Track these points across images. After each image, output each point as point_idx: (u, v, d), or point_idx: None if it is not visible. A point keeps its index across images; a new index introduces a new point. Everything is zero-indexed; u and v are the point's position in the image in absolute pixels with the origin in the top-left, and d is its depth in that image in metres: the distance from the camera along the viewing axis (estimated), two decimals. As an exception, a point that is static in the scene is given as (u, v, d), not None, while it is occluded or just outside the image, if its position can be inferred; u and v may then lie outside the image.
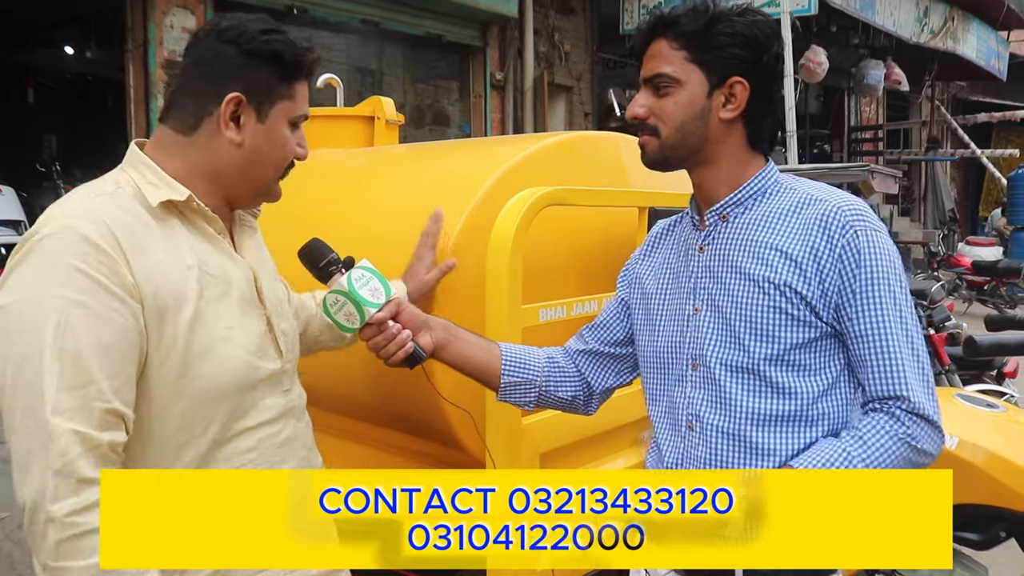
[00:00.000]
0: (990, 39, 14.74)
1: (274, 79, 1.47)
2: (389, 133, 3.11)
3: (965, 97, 18.86)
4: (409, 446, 2.45)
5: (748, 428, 1.47)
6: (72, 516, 1.23)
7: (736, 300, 1.48)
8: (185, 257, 1.41)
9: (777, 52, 1.51)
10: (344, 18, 8.04)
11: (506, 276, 1.88)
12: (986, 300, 11.47)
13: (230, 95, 1.43)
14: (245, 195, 1.54)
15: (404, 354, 1.62)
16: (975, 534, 2.45)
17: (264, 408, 1.51)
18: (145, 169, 1.44)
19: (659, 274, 1.67)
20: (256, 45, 1.44)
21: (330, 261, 1.66)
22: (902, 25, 11.71)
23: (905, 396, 1.39)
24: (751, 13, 1.49)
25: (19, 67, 10.48)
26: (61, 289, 1.26)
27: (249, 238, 1.62)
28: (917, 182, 16.78)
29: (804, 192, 1.51)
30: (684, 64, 1.48)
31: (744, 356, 1.47)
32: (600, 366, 1.79)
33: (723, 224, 1.55)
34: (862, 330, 1.41)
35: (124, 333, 1.30)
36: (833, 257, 1.42)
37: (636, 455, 2.42)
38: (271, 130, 1.48)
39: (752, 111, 1.50)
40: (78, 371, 1.25)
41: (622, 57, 10.99)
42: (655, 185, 2.62)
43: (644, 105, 1.52)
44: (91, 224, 1.30)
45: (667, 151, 1.52)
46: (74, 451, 1.23)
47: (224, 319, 1.44)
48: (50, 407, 1.23)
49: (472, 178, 2.20)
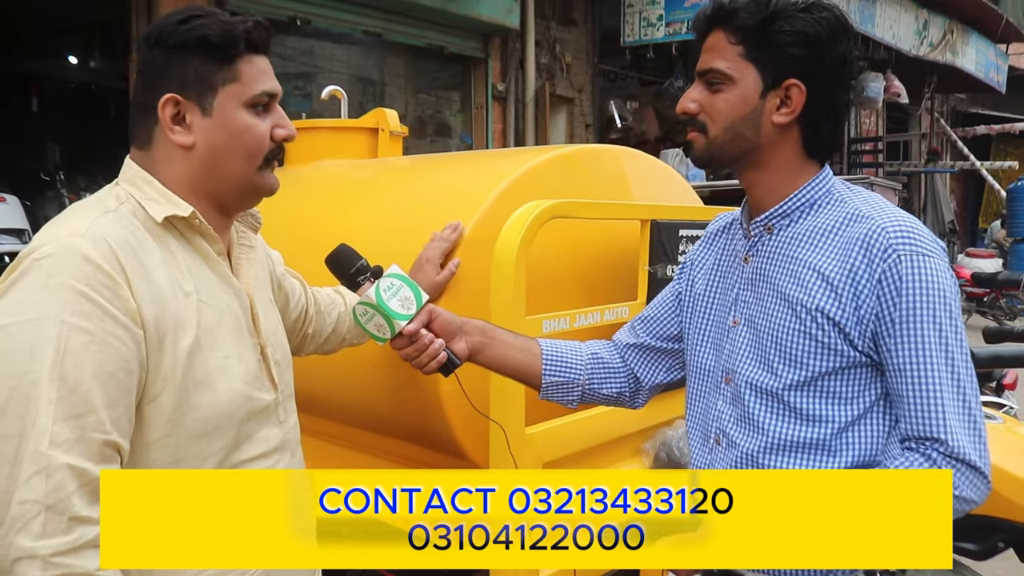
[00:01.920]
0: (989, 52, 14.78)
1: (208, 66, 1.35)
2: (393, 145, 3.13)
3: (964, 109, 18.91)
4: (411, 455, 2.46)
5: (769, 452, 1.42)
6: (59, 556, 1.14)
7: (770, 320, 1.42)
8: (183, 282, 1.34)
9: (843, 53, 1.39)
10: (347, 29, 8.07)
11: (510, 288, 1.89)
12: (985, 312, 11.47)
13: (164, 98, 1.34)
14: (229, 195, 1.43)
15: (437, 364, 1.58)
16: (974, 544, 2.46)
17: (260, 440, 1.44)
18: (145, 184, 1.37)
19: (709, 276, 1.61)
20: (178, 38, 1.34)
21: (358, 270, 1.62)
22: (901, 38, 11.75)
23: (943, 439, 1.28)
24: (817, 8, 1.37)
25: (23, 76, 10.52)
26: (62, 313, 1.18)
27: (247, 259, 1.54)
28: (917, 194, 16.79)
29: (853, 206, 1.40)
30: (739, 61, 1.39)
31: (771, 379, 1.40)
32: (651, 361, 1.73)
33: (768, 236, 1.47)
34: (900, 363, 1.31)
35: (125, 361, 1.23)
36: (872, 281, 1.32)
37: (639, 465, 2.44)
38: (223, 120, 1.37)
39: (810, 116, 1.40)
40: (77, 400, 1.18)
41: (623, 69, 11.03)
42: (657, 198, 2.65)
43: (695, 100, 1.43)
44: (93, 244, 1.24)
45: (714, 150, 1.44)
46: (69, 487, 1.15)
47: (221, 348, 1.38)
48: (48, 438, 1.15)
49: (475, 191, 2.23)
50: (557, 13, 9.94)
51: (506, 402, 1.92)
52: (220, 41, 1.34)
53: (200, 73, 1.35)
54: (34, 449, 1.15)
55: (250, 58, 1.39)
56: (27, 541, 1.13)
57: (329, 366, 2.35)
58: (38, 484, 1.14)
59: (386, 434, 2.46)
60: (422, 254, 2.05)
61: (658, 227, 2.36)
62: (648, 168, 2.73)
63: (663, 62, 10.41)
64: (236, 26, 1.36)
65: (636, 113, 11.26)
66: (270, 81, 1.42)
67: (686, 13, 9.31)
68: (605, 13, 10.39)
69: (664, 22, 9.59)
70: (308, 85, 7.87)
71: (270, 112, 1.43)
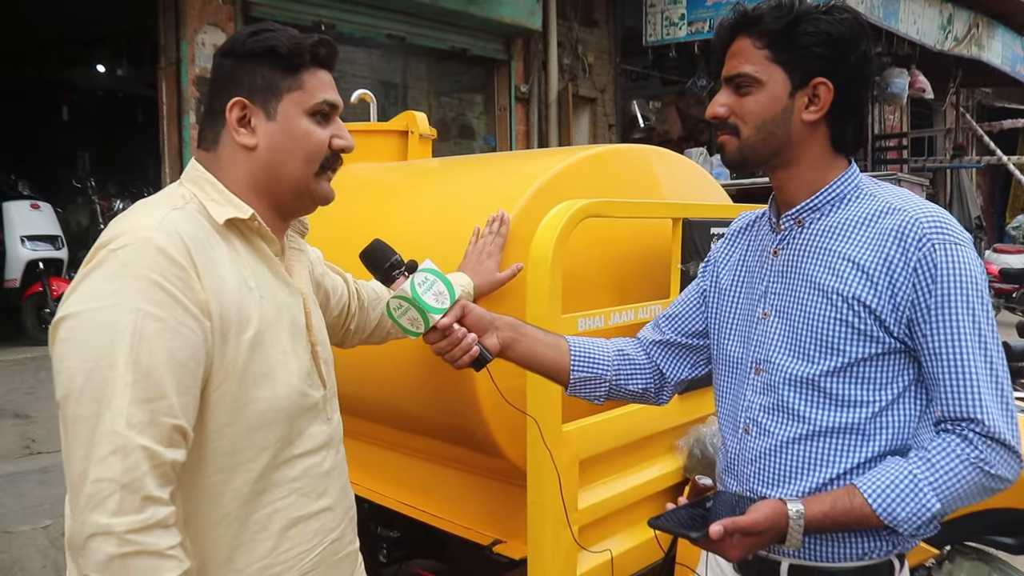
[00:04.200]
0: (1015, 45, 14.61)
1: (275, 74, 1.43)
2: (423, 147, 3.17)
3: (990, 104, 18.68)
4: (446, 453, 2.49)
5: (804, 438, 1.45)
6: (132, 534, 1.18)
7: (804, 310, 1.45)
8: (248, 278, 1.40)
9: (865, 51, 1.45)
10: (370, 34, 8.13)
11: (547, 286, 1.92)
12: (1014, 308, 11.34)
13: (232, 101, 1.42)
14: (286, 197, 1.49)
15: (470, 359, 1.60)
16: (1010, 538, 2.45)
17: (309, 436, 1.49)
18: (207, 185, 1.44)
19: (735, 271, 1.65)
20: (248, 47, 1.43)
21: (393, 264, 1.65)
22: (926, 33, 11.65)
23: (979, 419, 1.33)
24: (838, 11, 1.44)
25: (54, 85, 10.67)
26: (137, 300, 1.23)
27: (298, 262, 1.60)
28: (942, 190, 16.62)
29: (884, 200, 1.45)
30: (766, 64, 1.44)
31: (807, 366, 1.44)
32: (676, 357, 1.76)
33: (799, 229, 1.51)
34: (936, 348, 1.36)
35: (194, 350, 1.28)
36: (908, 270, 1.37)
37: (672, 462, 2.45)
38: (285, 125, 1.44)
39: (836, 112, 1.45)
40: (151, 385, 1.22)
41: (645, 69, 11.01)
42: (687, 196, 2.67)
43: (725, 104, 1.48)
44: (167, 237, 1.29)
45: (747, 152, 1.48)
46: (143, 467, 1.20)
47: (280, 344, 1.43)
48: (124, 419, 1.19)
49: (509, 191, 2.25)
50: (579, 14, 9.96)
51: (543, 399, 1.94)
52: (287, 51, 1.43)
53: (267, 80, 1.44)
54: (111, 429, 1.20)
55: (314, 71, 1.47)
56: (103, 518, 1.18)
57: (366, 367, 2.39)
58: (115, 463, 1.19)
59: (422, 433, 2.49)
60: (480, 248, 2.08)
61: (690, 225, 2.37)
62: (677, 167, 2.74)
63: (685, 61, 10.38)
64: (303, 40, 1.45)
65: (659, 113, 11.24)
66: (332, 93, 1.49)
67: (708, 12, 9.29)
68: (627, 13, 10.39)
69: (686, 21, 9.58)
70: (332, 90, 7.92)
71: (331, 122, 1.50)
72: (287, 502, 1.44)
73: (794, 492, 1.45)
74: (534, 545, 2.01)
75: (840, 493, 1.38)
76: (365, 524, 1.87)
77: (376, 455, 2.79)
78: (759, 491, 1.50)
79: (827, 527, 1.37)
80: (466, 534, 2.42)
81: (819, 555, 1.45)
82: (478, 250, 2.08)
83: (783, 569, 1.48)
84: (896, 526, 1.34)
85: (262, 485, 1.40)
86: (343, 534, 1.58)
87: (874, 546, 1.43)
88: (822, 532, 1.40)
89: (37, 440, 4.85)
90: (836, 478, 1.43)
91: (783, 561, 1.48)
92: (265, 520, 1.41)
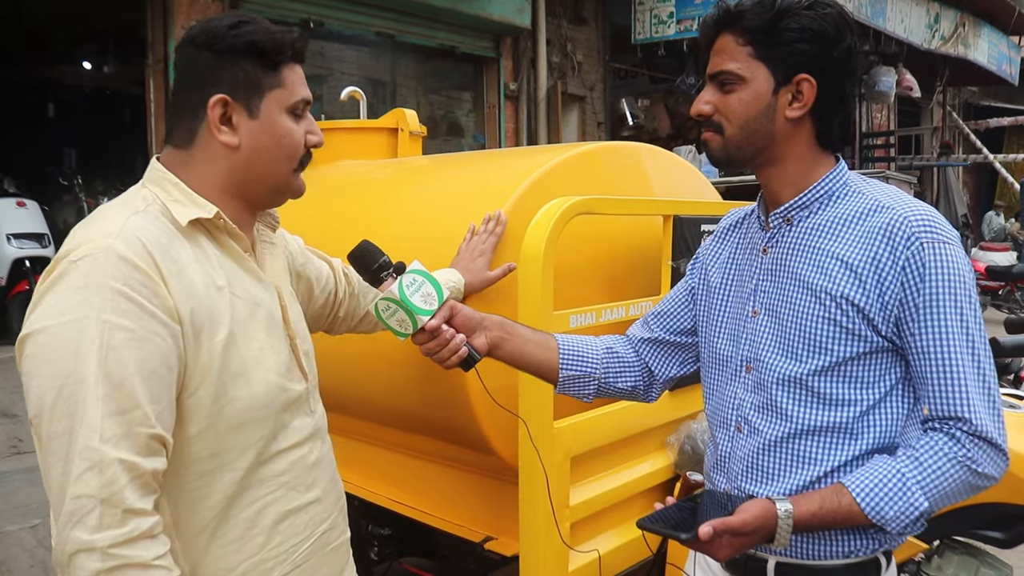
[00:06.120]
0: (1001, 44, 14.71)
1: (257, 71, 1.40)
2: (413, 145, 3.17)
3: (977, 102, 18.80)
4: (437, 450, 2.48)
5: (793, 437, 1.45)
6: (115, 547, 1.17)
7: (793, 309, 1.45)
8: (216, 277, 1.37)
9: (848, 46, 1.44)
10: (359, 31, 8.11)
11: (538, 283, 1.91)
12: (1000, 305, 11.41)
13: (213, 98, 1.38)
14: (263, 195, 1.48)
15: (458, 359, 1.59)
16: (999, 532, 2.47)
17: (294, 430, 1.47)
18: (170, 186, 1.40)
19: (724, 268, 1.64)
20: (229, 42, 1.38)
21: (381, 266, 1.64)
22: (913, 31, 11.71)
23: (967, 418, 1.33)
24: (820, 6, 1.42)
25: (40, 82, 10.59)
26: (103, 312, 1.21)
27: (270, 255, 1.57)
28: (930, 188, 16.70)
29: (872, 198, 1.44)
30: (749, 61, 1.43)
31: (795, 365, 1.44)
32: (664, 355, 1.76)
33: (787, 227, 1.50)
34: (924, 347, 1.36)
35: (165, 357, 1.26)
36: (896, 269, 1.36)
37: (664, 458, 2.46)
38: (268, 123, 1.42)
39: (821, 108, 1.44)
40: (123, 396, 1.20)
41: (634, 67, 11.03)
42: (678, 193, 2.67)
43: (709, 102, 1.47)
44: (128, 244, 1.26)
45: (731, 149, 1.48)
46: (121, 480, 1.18)
47: (255, 340, 1.41)
48: (98, 434, 1.18)
49: (500, 188, 2.25)
50: (568, 12, 9.95)
51: (534, 397, 1.94)
52: (270, 48, 1.40)
53: (249, 77, 1.40)
54: (84, 445, 1.18)
55: (292, 66, 1.45)
56: (84, 534, 1.17)
57: (357, 364, 2.39)
58: (91, 479, 1.17)
59: (413, 431, 2.49)
60: (472, 247, 2.08)
61: (680, 222, 2.37)
62: (668, 164, 2.74)
63: (674, 59, 10.38)
64: (284, 35, 1.42)
65: (647, 111, 11.25)
66: (307, 89, 1.47)
67: (697, 10, 9.30)
68: (616, 11, 10.38)
69: (675, 19, 9.58)
70: (320, 87, 7.91)
71: (304, 118, 1.48)
72: (275, 496, 1.44)
73: (782, 490, 1.45)
74: (526, 542, 2.00)
75: (828, 492, 1.38)
76: (356, 521, 1.86)
77: (367, 452, 2.78)
78: (747, 489, 1.50)
79: (815, 526, 1.37)
80: (457, 531, 2.41)
81: (806, 553, 1.45)
82: (471, 248, 2.08)
83: (770, 567, 1.48)
84: (884, 524, 1.34)
85: (249, 482, 1.40)
86: (334, 524, 1.58)
87: (861, 544, 1.43)
88: (810, 531, 1.40)
89: (24, 439, 4.81)
90: (823, 476, 1.43)
91: (770, 559, 1.48)
92: (255, 516, 1.41)
